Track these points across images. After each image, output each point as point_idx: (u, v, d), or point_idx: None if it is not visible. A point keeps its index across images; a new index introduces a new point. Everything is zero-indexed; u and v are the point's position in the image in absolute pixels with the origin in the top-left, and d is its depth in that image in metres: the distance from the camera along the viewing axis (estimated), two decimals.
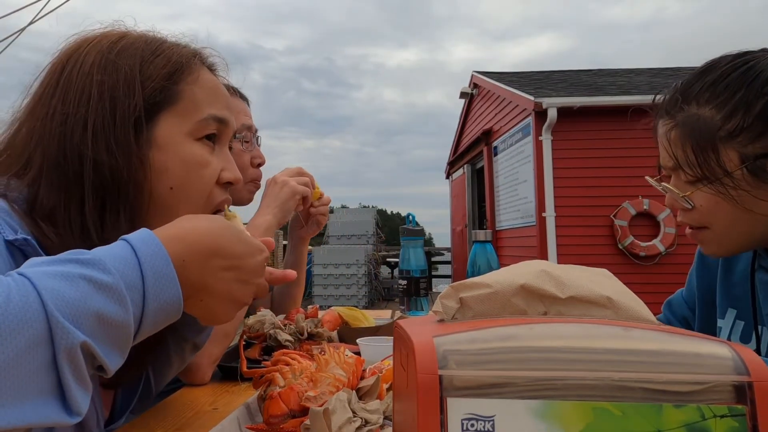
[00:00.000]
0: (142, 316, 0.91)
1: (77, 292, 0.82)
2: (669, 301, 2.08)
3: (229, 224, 1.08)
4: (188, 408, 1.62)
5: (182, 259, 0.99)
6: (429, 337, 0.79)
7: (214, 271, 1.04)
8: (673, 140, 1.56)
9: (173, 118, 1.26)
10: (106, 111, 1.18)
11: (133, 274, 0.90)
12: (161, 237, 0.98)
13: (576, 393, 0.74)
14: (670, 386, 0.74)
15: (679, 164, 1.55)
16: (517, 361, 0.75)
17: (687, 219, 1.61)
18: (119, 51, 1.23)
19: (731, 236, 1.54)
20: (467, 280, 0.93)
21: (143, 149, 1.21)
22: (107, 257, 0.89)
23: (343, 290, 18.31)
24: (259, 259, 1.11)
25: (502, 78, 16.90)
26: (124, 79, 1.21)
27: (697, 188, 1.53)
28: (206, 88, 1.33)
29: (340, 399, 1.27)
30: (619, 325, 0.82)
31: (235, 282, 1.07)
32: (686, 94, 1.57)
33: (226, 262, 1.05)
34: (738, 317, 1.68)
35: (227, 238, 1.05)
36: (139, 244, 0.94)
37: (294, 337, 2.15)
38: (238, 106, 2.42)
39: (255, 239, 1.13)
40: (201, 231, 1.03)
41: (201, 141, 1.31)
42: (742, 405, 0.73)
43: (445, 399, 0.74)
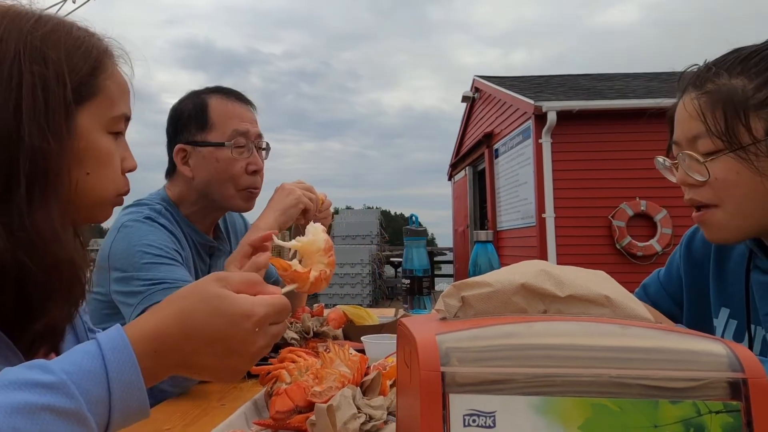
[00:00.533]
0: (107, 425, 0.92)
1: (38, 427, 0.82)
2: (645, 284, 2.06)
3: (210, 296, 1.04)
4: (197, 404, 1.62)
5: (153, 351, 0.99)
6: (432, 334, 0.79)
7: (193, 351, 1.02)
8: (702, 106, 1.52)
9: (92, 110, 1.26)
10: (39, 99, 1.15)
11: (100, 389, 0.90)
12: (132, 335, 0.98)
13: (575, 389, 0.74)
14: (666, 383, 0.74)
15: (708, 128, 1.50)
16: (517, 358, 0.76)
17: (697, 195, 1.57)
18: (43, 38, 1.19)
19: (741, 215, 1.51)
20: (469, 279, 0.93)
21: (72, 137, 1.21)
22: (74, 374, 0.89)
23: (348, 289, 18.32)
24: (247, 326, 1.04)
25: (502, 82, 16.89)
26: (53, 70, 1.18)
27: (717, 157, 1.49)
28: (118, 84, 1.33)
29: (344, 395, 1.27)
30: (617, 323, 0.82)
31: (223, 356, 1.04)
32: (717, 66, 1.54)
33: (203, 341, 1.02)
34: (731, 316, 1.67)
35: (201, 317, 1.02)
36: (109, 354, 0.93)
37: (300, 335, 2.15)
38: (233, 110, 2.39)
39: (245, 304, 1.05)
40: (170, 318, 1.01)
41: (111, 135, 1.32)
42: (737, 401, 0.73)
43: (447, 395, 0.74)
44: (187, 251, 2.31)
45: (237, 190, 2.36)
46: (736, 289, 1.66)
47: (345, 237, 20.60)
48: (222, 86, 2.46)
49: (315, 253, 1.43)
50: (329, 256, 1.44)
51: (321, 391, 1.36)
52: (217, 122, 2.34)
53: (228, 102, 2.39)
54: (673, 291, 1.94)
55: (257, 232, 2.15)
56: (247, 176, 2.38)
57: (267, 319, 1.06)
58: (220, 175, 2.33)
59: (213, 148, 2.32)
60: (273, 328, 1.09)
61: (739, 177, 1.47)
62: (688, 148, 1.57)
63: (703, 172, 1.52)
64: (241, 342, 1.04)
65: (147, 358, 0.97)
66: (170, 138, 2.39)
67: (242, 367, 1.07)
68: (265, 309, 1.06)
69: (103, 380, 0.91)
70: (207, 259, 2.47)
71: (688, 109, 1.56)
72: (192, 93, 2.44)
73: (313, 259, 1.42)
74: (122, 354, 0.94)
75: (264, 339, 1.07)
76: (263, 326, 1.06)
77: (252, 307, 1.05)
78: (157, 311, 1.03)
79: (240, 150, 2.35)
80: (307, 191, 2.31)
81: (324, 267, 1.42)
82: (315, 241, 1.44)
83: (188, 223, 2.38)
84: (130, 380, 0.93)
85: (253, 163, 2.39)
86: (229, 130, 2.33)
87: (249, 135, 2.38)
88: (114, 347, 0.94)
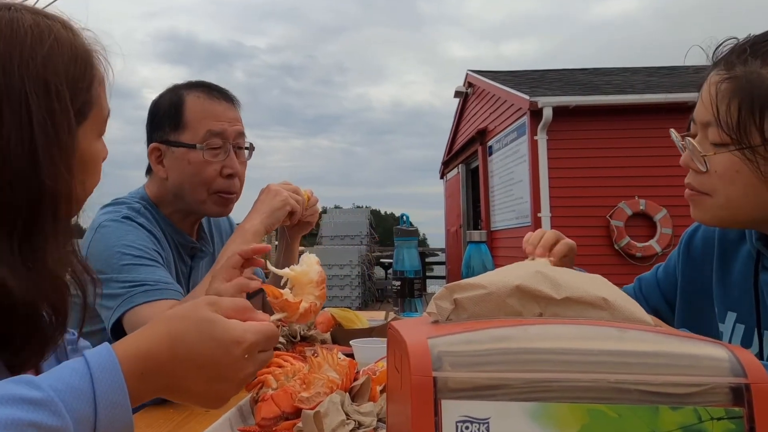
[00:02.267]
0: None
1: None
2: (640, 279, 2.07)
3: (201, 320, 1.05)
4: (179, 410, 1.62)
5: (140, 373, 0.99)
6: (423, 338, 0.79)
7: (181, 374, 1.03)
8: (721, 92, 1.48)
9: (90, 123, 1.27)
10: (51, 135, 1.15)
11: (86, 408, 0.91)
12: (121, 356, 0.98)
13: (571, 395, 0.74)
14: (666, 388, 0.74)
15: (718, 119, 1.47)
16: (512, 363, 0.76)
17: (694, 181, 1.58)
18: (44, 63, 1.17)
19: (730, 208, 1.51)
20: (462, 281, 0.93)
21: (74, 161, 1.21)
22: (62, 392, 0.90)
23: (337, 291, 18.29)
24: (236, 352, 1.05)
25: (496, 77, 16.90)
26: (57, 97, 1.18)
27: (722, 151, 1.48)
28: (103, 83, 1.33)
29: (333, 401, 1.27)
30: (615, 326, 0.82)
31: (211, 381, 1.05)
32: (755, 48, 1.49)
33: (192, 364, 1.03)
34: (738, 320, 1.65)
35: (191, 341, 1.03)
36: (98, 374, 0.94)
37: (286, 339, 2.15)
38: (209, 109, 2.34)
39: (235, 330, 1.06)
40: (160, 340, 1.02)
41: (101, 136, 1.33)
42: (740, 407, 0.74)
43: (439, 401, 0.74)
44: (168, 252, 2.30)
45: (209, 194, 2.32)
46: (742, 292, 1.64)
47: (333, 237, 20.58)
48: (204, 81, 2.43)
49: (307, 284, 1.45)
50: (321, 289, 1.47)
51: (308, 396, 1.35)
52: (191, 121, 2.30)
53: (206, 100, 2.34)
54: (667, 290, 1.94)
55: (243, 234, 2.15)
56: (221, 180, 2.33)
57: (256, 347, 1.08)
58: (191, 178, 2.29)
59: (185, 149, 2.28)
60: (261, 355, 1.11)
61: (737, 176, 1.47)
62: (700, 130, 1.56)
63: (703, 163, 1.53)
64: (230, 368, 1.05)
65: (134, 379, 0.98)
66: (148, 135, 2.37)
67: (229, 393, 1.08)
68: (255, 336, 1.07)
69: (90, 399, 0.92)
70: (188, 260, 2.45)
71: (709, 89, 1.52)
72: (172, 87, 2.40)
73: (304, 290, 1.45)
74: (110, 374, 0.95)
75: (252, 366, 1.09)
76: (252, 353, 1.08)
77: (243, 333, 1.06)
78: (146, 331, 1.04)
79: (214, 152, 2.30)
80: (294, 192, 2.30)
81: (314, 299, 1.44)
82: (308, 272, 1.47)
83: (169, 223, 2.36)
84: (116, 401, 0.94)
85: (229, 166, 2.33)
86: (202, 131, 2.28)
87: (226, 135, 2.32)
88: (103, 367, 0.95)
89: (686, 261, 1.88)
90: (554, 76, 17.16)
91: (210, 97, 2.35)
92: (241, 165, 2.40)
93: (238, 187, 2.41)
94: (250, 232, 2.15)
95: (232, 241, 2.17)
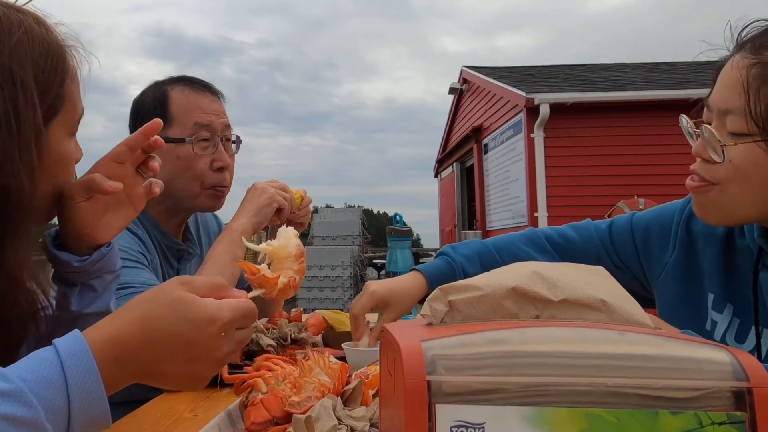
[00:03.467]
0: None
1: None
2: (612, 223, 2.05)
3: (173, 300, 1.04)
4: (167, 415, 1.61)
5: (114, 358, 0.99)
6: (417, 341, 0.79)
7: (155, 358, 1.02)
8: (750, 78, 1.43)
9: (61, 120, 1.28)
10: (13, 129, 1.15)
11: (58, 397, 0.91)
12: (91, 341, 0.98)
13: (569, 399, 0.74)
14: (666, 392, 0.74)
15: (748, 106, 1.41)
16: (508, 367, 0.75)
17: (704, 172, 1.53)
18: (11, 54, 1.19)
19: (740, 203, 1.48)
20: (456, 283, 0.93)
21: (42, 157, 1.22)
22: (31, 382, 0.89)
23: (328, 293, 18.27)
24: (211, 331, 1.04)
25: (492, 73, 16.93)
26: (22, 89, 1.18)
27: (743, 141, 1.44)
28: (76, 80, 1.34)
29: (324, 406, 1.27)
30: (614, 328, 0.82)
31: (187, 362, 1.04)
32: None
33: (166, 347, 1.02)
34: (735, 314, 1.65)
35: (164, 322, 1.03)
36: (68, 361, 0.93)
37: (277, 341, 2.15)
38: (195, 102, 2.35)
39: (209, 308, 1.06)
40: (132, 323, 1.02)
41: (73, 136, 1.33)
42: (742, 412, 0.73)
43: (433, 405, 0.74)
44: (154, 254, 2.29)
45: (202, 189, 2.33)
46: (742, 286, 1.63)
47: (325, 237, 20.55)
48: (186, 75, 2.43)
49: (285, 258, 1.43)
50: (300, 263, 1.45)
51: (299, 401, 1.35)
52: (177, 115, 2.30)
53: (191, 92, 2.35)
54: (646, 261, 1.92)
55: (231, 234, 2.15)
56: (212, 173, 2.34)
57: (233, 324, 1.07)
58: (182, 173, 2.29)
59: (173, 144, 2.27)
60: (239, 333, 1.10)
61: (754, 169, 1.44)
62: (717, 117, 1.51)
63: (719, 153, 1.48)
64: (206, 348, 1.05)
65: (107, 365, 0.97)
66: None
67: (207, 373, 1.08)
68: (230, 313, 1.07)
69: (62, 388, 0.91)
70: (175, 263, 2.44)
71: (733, 74, 1.46)
72: (154, 84, 2.40)
73: (283, 265, 1.43)
74: (82, 361, 0.94)
75: (229, 344, 1.08)
76: (229, 331, 1.07)
77: (217, 311, 1.05)
78: (117, 316, 1.04)
79: (203, 145, 2.31)
80: (281, 190, 2.30)
81: (294, 274, 1.43)
82: (286, 246, 1.44)
83: (154, 225, 2.35)
84: (90, 388, 0.94)
85: (219, 159, 2.35)
86: (190, 124, 2.29)
87: (213, 128, 2.33)
88: (73, 353, 0.95)
89: (686, 235, 1.84)
90: (551, 72, 17.20)
91: (194, 91, 2.36)
92: (229, 158, 2.40)
93: (229, 181, 2.41)
94: (238, 231, 2.15)
95: (219, 242, 2.17)
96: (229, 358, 1.09)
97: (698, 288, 1.76)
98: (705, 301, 1.73)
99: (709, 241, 1.77)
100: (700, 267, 1.77)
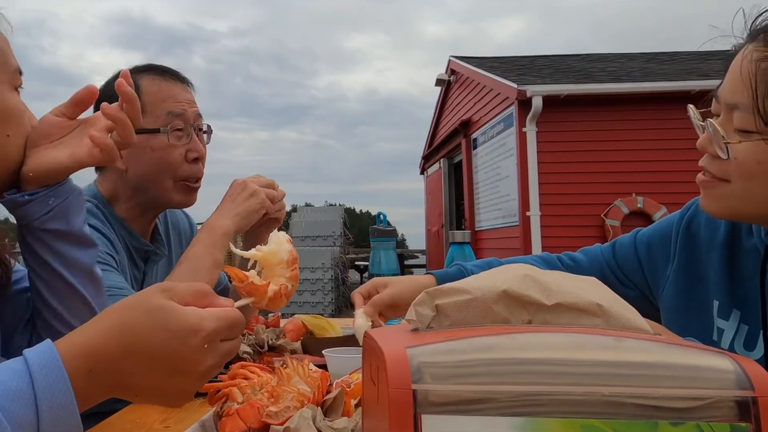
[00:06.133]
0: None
1: None
2: (619, 243, 2.10)
3: (153, 309, 1.03)
4: (136, 427, 1.61)
5: (88, 370, 0.98)
6: (402, 347, 0.79)
7: (132, 370, 1.01)
8: (759, 73, 1.43)
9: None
10: None
11: (26, 411, 0.90)
12: (63, 352, 0.97)
13: (563, 409, 0.74)
14: (666, 402, 0.74)
15: (756, 102, 1.42)
16: (498, 375, 0.75)
17: (711, 167, 1.55)
18: None
19: (749, 202, 1.49)
20: (444, 286, 0.93)
21: None
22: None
23: (308, 296, 18.26)
24: (194, 343, 1.02)
25: (482, 63, 16.94)
26: None
27: (748, 139, 1.45)
28: (4, 40, 1.36)
29: (304, 416, 1.27)
30: (611, 334, 0.83)
31: (167, 376, 1.03)
32: None
33: (144, 358, 1.01)
34: (743, 320, 1.66)
35: (142, 332, 1.01)
36: (38, 373, 0.93)
37: (253, 348, 2.14)
38: (165, 90, 2.34)
39: (192, 318, 1.04)
40: (108, 333, 1.01)
41: (16, 91, 1.37)
42: (746, 422, 0.74)
43: (419, 416, 0.74)
44: (122, 255, 2.27)
45: (175, 182, 2.33)
46: (748, 290, 1.64)
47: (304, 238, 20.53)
48: (153, 64, 2.43)
49: (277, 265, 1.43)
50: (292, 269, 1.44)
51: (277, 411, 1.35)
52: (149, 105, 2.28)
53: (162, 81, 2.35)
54: (653, 273, 1.95)
55: (212, 234, 2.14)
56: (187, 165, 2.34)
57: (217, 335, 1.05)
58: (156, 165, 2.29)
59: (146, 135, 2.24)
60: (224, 345, 1.08)
61: (758, 168, 1.45)
62: (725, 111, 1.52)
63: (723, 150, 1.49)
64: (188, 360, 1.03)
65: (80, 378, 0.96)
66: None
67: (188, 388, 1.06)
68: (215, 323, 1.04)
69: (31, 402, 0.91)
70: (142, 265, 2.43)
71: (743, 66, 1.46)
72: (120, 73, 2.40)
73: (274, 272, 1.42)
74: (52, 373, 0.94)
75: (214, 357, 1.06)
76: (212, 343, 1.05)
77: (200, 321, 1.03)
78: (93, 324, 1.03)
79: (178, 135, 2.30)
80: (269, 187, 2.30)
81: (285, 281, 1.42)
82: (277, 252, 1.44)
83: (122, 224, 2.34)
84: (61, 402, 0.93)
85: (194, 150, 2.35)
86: (163, 114, 2.28)
87: (186, 117, 2.33)
88: (43, 365, 0.94)
89: (686, 242, 1.86)
90: (544, 62, 17.23)
91: (164, 79, 2.36)
92: (203, 149, 2.41)
93: (203, 173, 2.41)
94: (219, 233, 2.14)
95: (197, 241, 2.15)
96: (214, 372, 1.08)
97: (702, 296, 1.77)
98: (710, 309, 1.74)
99: (710, 245, 1.79)
100: (703, 274, 1.78)
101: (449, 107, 19.79)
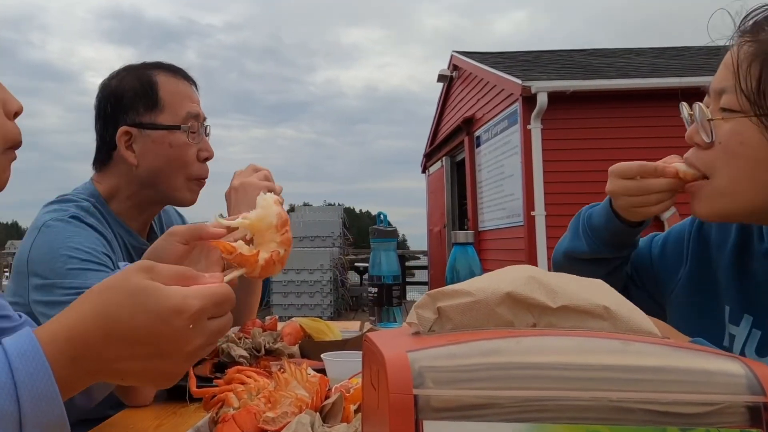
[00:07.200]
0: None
1: None
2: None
3: (134, 290, 1.02)
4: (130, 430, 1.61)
5: (71, 357, 0.98)
6: (403, 351, 0.79)
7: (116, 355, 1.01)
8: (742, 54, 1.51)
9: None
10: None
11: (6, 401, 0.90)
12: (44, 339, 0.97)
13: (569, 415, 0.74)
14: (675, 407, 0.74)
15: (738, 82, 1.49)
16: (502, 379, 0.75)
17: (696, 159, 1.60)
18: None
19: (733, 193, 1.53)
20: (446, 288, 0.93)
21: None
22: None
23: (306, 299, 18.25)
24: (177, 323, 1.02)
25: (485, 59, 16.92)
26: None
27: (731, 117, 1.50)
28: None
29: (302, 422, 1.27)
30: (618, 338, 0.82)
31: (151, 358, 1.03)
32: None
33: (127, 342, 1.01)
34: (755, 325, 1.65)
35: (124, 314, 1.00)
36: (17, 361, 0.93)
37: (250, 352, 2.14)
38: (183, 90, 2.40)
39: (175, 297, 1.03)
40: (89, 317, 1.00)
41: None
42: (758, 428, 0.74)
43: (420, 422, 0.73)
44: (119, 255, 2.29)
45: (187, 180, 2.39)
46: (761, 294, 1.65)
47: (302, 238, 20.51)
48: (163, 62, 2.47)
49: (266, 230, 1.38)
50: (283, 233, 1.40)
51: (274, 417, 1.35)
52: (169, 103, 2.35)
53: (177, 81, 2.41)
54: (669, 279, 1.95)
55: None
56: (198, 164, 2.41)
57: (203, 313, 1.05)
58: (171, 162, 2.34)
59: (166, 131, 2.32)
60: (213, 323, 1.08)
61: (741, 148, 1.49)
62: (714, 99, 1.57)
63: (708, 132, 1.54)
64: (173, 341, 1.03)
65: (62, 365, 0.96)
66: (107, 120, 2.36)
67: (176, 370, 1.06)
68: (200, 302, 1.04)
69: (11, 392, 0.90)
70: None
71: (731, 55, 1.55)
72: (131, 68, 2.43)
73: (264, 238, 1.38)
74: (32, 361, 0.93)
75: (201, 337, 1.06)
76: (198, 322, 1.04)
77: (183, 300, 1.03)
78: (73, 309, 1.02)
79: (193, 134, 2.37)
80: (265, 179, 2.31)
81: (277, 246, 1.39)
82: (266, 216, 1.40)
83: (119, 223, 2.36)
84: (42, 391, 0.93)
85: (205, 149, 2.43)
86: (183, 113, 2.35)
87: (200, 118, 2.40)
88: (22, 353, 0.94)
89: (698, 246, 1.87)
90: (549, 57, 17.21)
91: (177, 78, 2.42)
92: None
93: (209, 173, 2.49)
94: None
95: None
96: (203, 352, 1.08)
97: (714, 302, 1.78)
98: (722, 314, 1.74)
99: (721, 248, 1.79)
100: (715, 278, 1.79)
101: (451, 104, 19.77)
